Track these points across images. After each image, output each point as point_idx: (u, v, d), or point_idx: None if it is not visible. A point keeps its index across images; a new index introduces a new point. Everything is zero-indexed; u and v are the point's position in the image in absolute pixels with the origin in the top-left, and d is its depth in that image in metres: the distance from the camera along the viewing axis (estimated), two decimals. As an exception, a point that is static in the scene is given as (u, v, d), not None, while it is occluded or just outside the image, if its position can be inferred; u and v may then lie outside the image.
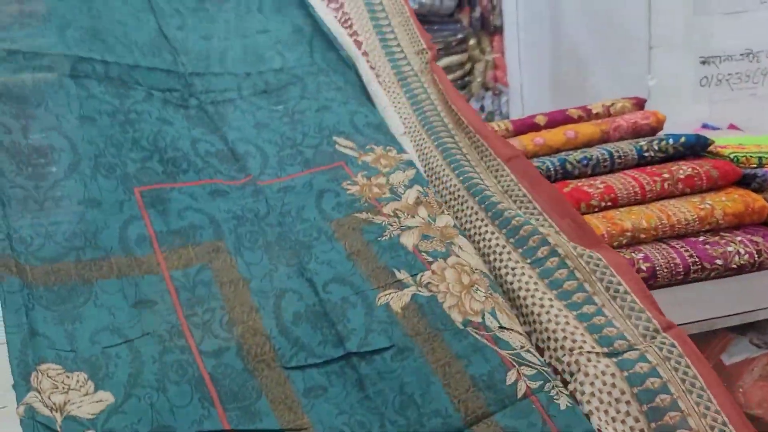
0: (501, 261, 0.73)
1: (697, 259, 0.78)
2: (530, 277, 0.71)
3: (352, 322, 0.63)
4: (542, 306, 0.67)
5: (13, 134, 0.66)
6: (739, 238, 0.81)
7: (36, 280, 0.58)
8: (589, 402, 0.60)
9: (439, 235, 0.73)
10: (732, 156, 0.89)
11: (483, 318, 0.65)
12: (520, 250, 0.73)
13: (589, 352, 0.62)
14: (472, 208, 0.79)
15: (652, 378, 0.59)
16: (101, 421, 0.51)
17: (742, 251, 0.79)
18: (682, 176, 0.86)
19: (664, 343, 0.63)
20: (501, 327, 0.64)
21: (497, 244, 0.75)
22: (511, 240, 0.74)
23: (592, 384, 0.60)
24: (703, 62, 1.49)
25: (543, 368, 0.62)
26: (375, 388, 0.58)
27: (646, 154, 0.91)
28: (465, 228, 0.79)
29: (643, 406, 0.58)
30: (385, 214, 0.75)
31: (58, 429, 0.49)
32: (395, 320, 0.63)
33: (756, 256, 0.79)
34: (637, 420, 0.57)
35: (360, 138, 0.86)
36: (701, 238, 0.82)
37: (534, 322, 0.67)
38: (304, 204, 0.75)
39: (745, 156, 0.89)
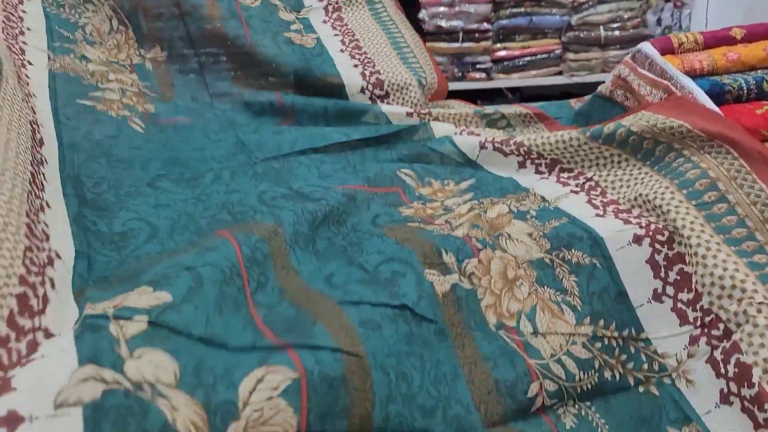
0: (663, 199, 0.70)
1: None
2: (695, 218, 0.67)
3: (403, 288, 0.61)
4: (708, 249, 0.63)
5: (98, 225, 0.70)
6: None
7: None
8: (756, 353, 0.57)
9: (488, 228, 0.71)
10: None
11: (518, 322, 0.63)
12: (685, 191, 0.70)
13: (760, 302, 0.59)
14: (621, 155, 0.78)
15: None
16: (156, 313, 0.48)
17: None
18: None
19: None
20: (534, 332, 0.63)
21: (660, 186, 0.71)
22: (675, 181, 0.71)
23: (762, 335, 0.57)
24: None
25: (566, 384, 0.60)
26: (419, 350, 0.57)
27: None
28: (616, 179, 0.76)
29: None
30: (438, 223, 0.74)
31: (110, 317, 0.46)
32: (438, 302, 0.62)
33: None
34: None
35: (420, 170, 0.87)
36: None
37: (697, 264, 0.64)
38: (359, 220, 0.75)
39: None
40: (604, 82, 1.02)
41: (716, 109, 0.78)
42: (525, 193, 0.80)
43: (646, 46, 0.92)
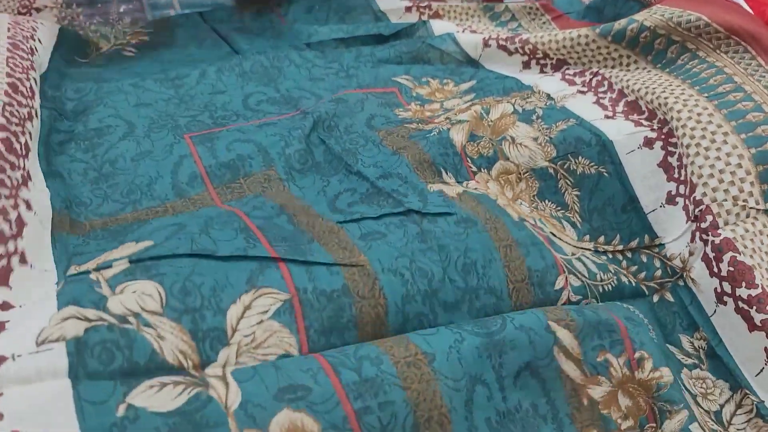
0: (672, 92, 0.66)
1: None
2: (705, 108, 0.63)
3: (409, 198, 0.59)
4: (713, 141, 0.60)
5: (74, 125, 0.68)
6: None
7: (94, 227, 0.57)
8: (752, 257, 0.55)
9: (489, 133, 0.67)
10: None
11: (536, 221, 0.61)
12: (697, 87, 0.67)
13: (752, 208, 0.57)
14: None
15: None
16: (137, 255, 0.47)
17: None
18: None
19: None
20: (553, 233, 0.61)
21: (670, 84, 0.68)
22: (688, 81, 0.68)
23: (752, 240, 0.56)
24: None
25: (588, 281, 0.58)
26: (439, 242, 0.54)
27: None
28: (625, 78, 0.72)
29: None
30: (437, 122, 0.69)
31: (91, 270, 0.45)
32: (452, 202, 0.59)
33: None
34: None
35: (418, 72, 0.81)
36: None
37: (697, 154, 0.61)
38: (353, 122, 0.70)
39: None
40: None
41: (741, -2, 0.72)
42: (530, 90, 0.76)
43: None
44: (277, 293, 0.46)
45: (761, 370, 0.53)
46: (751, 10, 0.71)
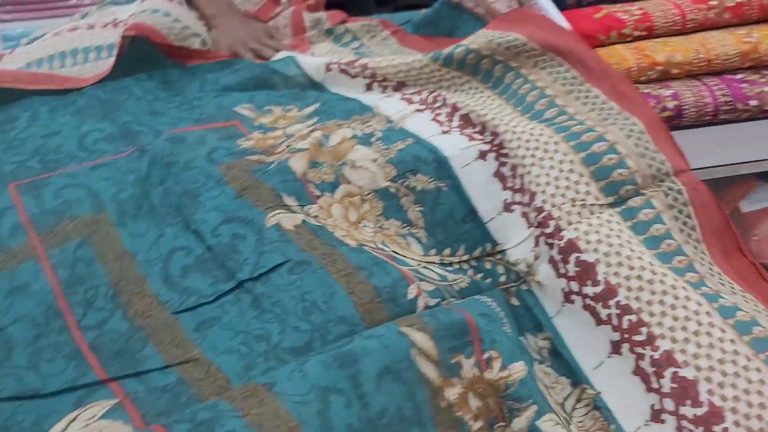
0: (502, 119, 0.69)
1: (730, 99, 0.72)
2: (533, 127, 0.67)
3: (243, 253, 0.58)
4: (546, 151, 0.63)
5: None
6: (781, 78, 0.73)
7: None
8: (596, 250, 0.58)
9: (330, 159, 0.68)
10: (793, -18, 0.79)
11: (376, 244, 0.62)
12: (522, 109, 0.70)
13: (592, 204, 0.60)
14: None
15: (656, 225, 0.58)
16: None
17: (782, 92, 0.72)
18: (730, 3, 0.76)
19: (671, 189, 0.61)
20: (396, 252, 0.62)
21: (500, 108, 0.71)
22: (518, 107, 0.71)
23: (597, 232, 0.58)
24: None
25: (441, 283, 0.60)
26: (272, 300, 0.55)
27: (696, -24, 0.80)
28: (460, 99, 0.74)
29: (651, 251, 0.57)
30: (279, 152, 0.69)
31: None
32: (288, 238, 0.59)
33: (797, 98, 0.72)
34: (651, 260, 0.56)
35: (261, 100, 0.80)
36: (739, 76, 0.74)
37: (533, 165, 0.64)
38: (193, 156, 0.68)
39: (808, -18, 0.78)
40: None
41: (558, 14, 0.77)
42: (371, 113, 0.77)
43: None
44: (105, 401, 0.47)
45: (600, 364, 0.56)
46: (570, 26, 0.76)
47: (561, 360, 0.59)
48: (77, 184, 0.65)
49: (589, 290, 0.57)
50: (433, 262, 0.64)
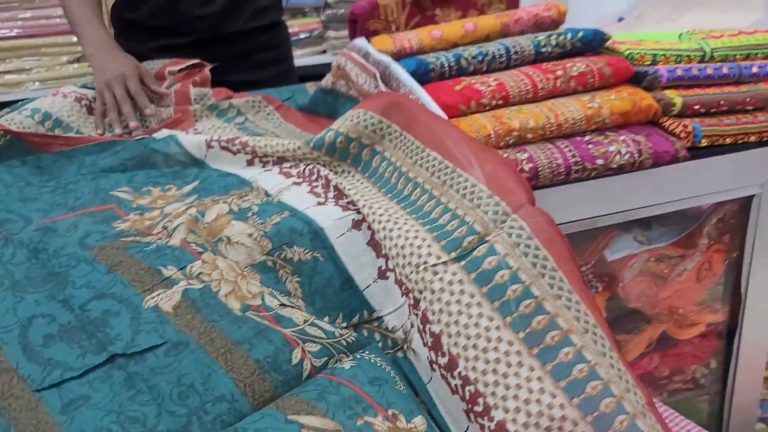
0: (363, 195, 0.72)
1: (578, 159, 0.78)
2: (376, 194, 0.70)
3: (116, 329, 0.57)
4: (395, 222, 0.66)
5: None
6: (622, 138, 0.81)
7: None
8: (439, 321, 0.59)
9: (205, 235, 0.69)
10: (627, 53, 0.88)
11: (263, 299, 0.63)
12: (385, 190, 0.73)
13: (434, 264, 0.61)
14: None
15: (501, 271, 0.59)
16: None
17: (623, 151, 0.79)
18: (575, 73, 0.84)
19: (513, 227, 0.61)
20: (282, 305, 0.63)
21: (366, 189, 0.74)
22: (382, 188, 0.73)
23: (439, 300, 0.59)
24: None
25: (328, 341, 0.61)
26: (148, 384, 0.54)
27: (544, 50, 0.88)
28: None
29: (495, 303, 0.57)
30: (155, 233, 0.69)
31: None
32: (166, 320, 0.59)
33: (636, 155, 0.80)
34: (491, 319, 0.57)
35: (139, 181, 0.81)
36: (586, 138, 0.82)
37: (385, 237, 0.66)
38: (64, 243, 0.68)
39: (640, 53, 0.87)
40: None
41: (419, 88, 0.82)
42: (249, 188, 0.79)
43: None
44: None
45: (467, 428, 0.58)
46: (432, 99, 0.81)
47: (437, 425, 0.60)
48: None
49: (442, 361, 0.59)
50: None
